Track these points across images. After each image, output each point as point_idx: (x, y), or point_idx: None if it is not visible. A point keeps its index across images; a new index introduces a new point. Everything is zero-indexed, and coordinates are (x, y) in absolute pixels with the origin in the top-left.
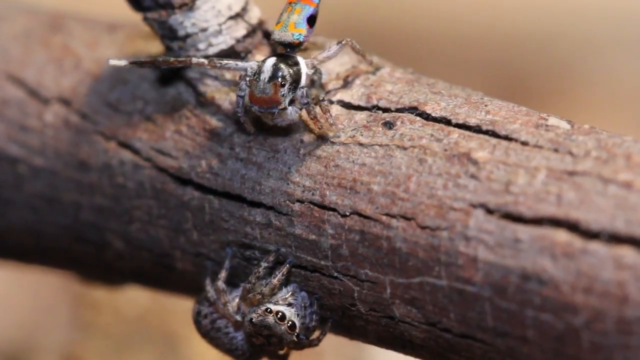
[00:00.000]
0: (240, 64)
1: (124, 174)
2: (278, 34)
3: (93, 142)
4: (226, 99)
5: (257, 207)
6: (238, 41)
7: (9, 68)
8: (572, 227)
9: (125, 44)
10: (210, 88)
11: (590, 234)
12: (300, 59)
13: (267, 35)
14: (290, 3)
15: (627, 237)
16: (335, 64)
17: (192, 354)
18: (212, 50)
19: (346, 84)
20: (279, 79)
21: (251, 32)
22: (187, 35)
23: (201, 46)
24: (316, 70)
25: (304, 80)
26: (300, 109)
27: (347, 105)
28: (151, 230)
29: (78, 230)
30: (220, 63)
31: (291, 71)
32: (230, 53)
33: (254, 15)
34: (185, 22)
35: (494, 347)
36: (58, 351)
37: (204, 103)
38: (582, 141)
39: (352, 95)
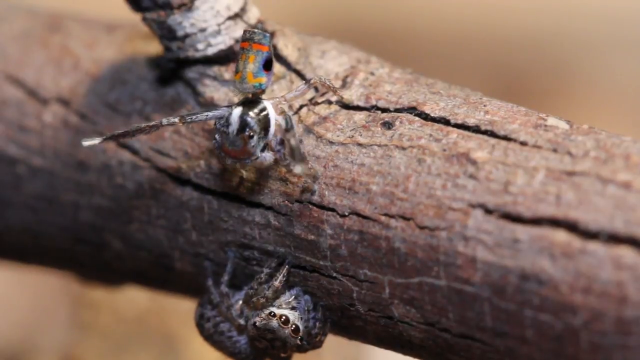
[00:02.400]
0: (210, 114)
1: (123, 174)
2: (239, 86)
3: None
4: (225, 99)
5: (256, 207)
6: (237, 41)
7: (8, 68)
8: (571, 227)
9: (124, 44)
10: (209, 88)
11: (589, 234)
12: (267, 104)
13: None
14: (243, 49)
15: (626, 237)
16: (334, 64)
17: (190, 354)
18: (210, 51)
19: (345, 84)
20: (247, 132)
21: None
22: (186, 36)
23: (200, 46)
24: (285, 115)
25: (273, 126)
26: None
27: (346, 106)
28: (150, 231)
29: (77, 231)
30: (191, 118)
31: (259, 121)
32: (229, 53)
33: (253, 15)
34: (184, 23)
35: (492, 347)
36: (57, 351)
37: (203, 103)
38: (581, 141)
39: (350, 95)
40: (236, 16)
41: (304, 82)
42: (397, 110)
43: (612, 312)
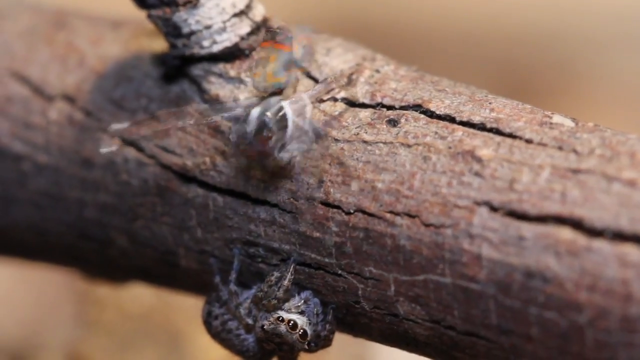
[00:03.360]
0: (226, 115)
1: (128, 172)
2: (258, 85)
3: (97, 139)
4: (230, 96)
5: (262, 204)
6: (242, 39)
7: (13, 65)
8: (576, 224)
9: (129, 41)
10: (215, 85)
11: (594, 232)
12: (285, 104)
13: None
14: (263, 48)
15: (631, 234)
16: (339, 61)
17: (196, 351)
18: (216, 48)
19: (350, 81)
20: (265, 132)
21: (255, 30)
22: (191, 33)
23: (205, 43)
24: (304, 115)
25: (291, 126)
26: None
27: (352, 103)
28: (155, 228)
29: (82, 228)
30: (207, 120)
31: (277, 121)
32: (235, 50)
33: (258, 12)
34: (189, 20)
35: (498, 344)
36: (62, 348)
37: (208, 100)
38: (586, 139)
39: (356, 93)
40: (241, 13)
41: (320, 81)
42: (402, 108)
43: (617, 310)
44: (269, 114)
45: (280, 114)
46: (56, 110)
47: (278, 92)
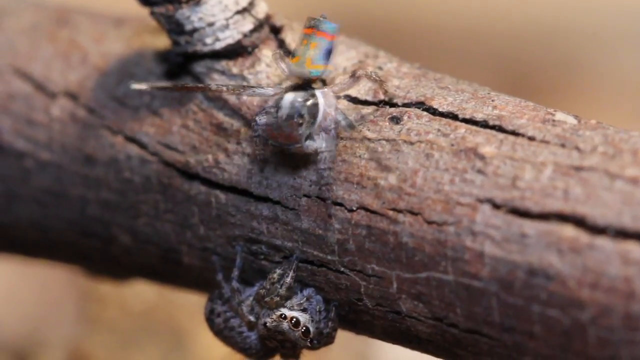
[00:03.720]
0: (258, 90)
1: (131, 169)
2: (294, 69)
3: (100, 136)
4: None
5: (264, 201)
6: (245, 36)
7: (16, 62)
8: (579, 222)
9: (132, 38)
10: (217, 82)
11: (597, 230)
12: (318, 93)
13: (274, 30)
14: (306, 34)
15: (634, 232)
16: (342, 58)
17: (198, 348)
18: (219, 45)
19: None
20: (296, 118)
21: (258, 27)
22: (194, 30)
23: (208, 41)
24: (335, 106)
25: (321, 115)
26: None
27: (354, 100)
28: (158, 225)
29: (84, 225)
30: (239, 90)
31: (309, 109)
32: (237, 47)
33: (261, 9)
34: (192, 17)
35: (500, 342)
36: (64, 345)
37: (211, 97)
38: (589, 136)
39: (359, 90)
40: (244, 10)
41: (350, 74)
42: (405, 105)
43: (619, 308)
44: (301, 99)
45: (313, 102)
46: (59, 108)
47: (314, 79)
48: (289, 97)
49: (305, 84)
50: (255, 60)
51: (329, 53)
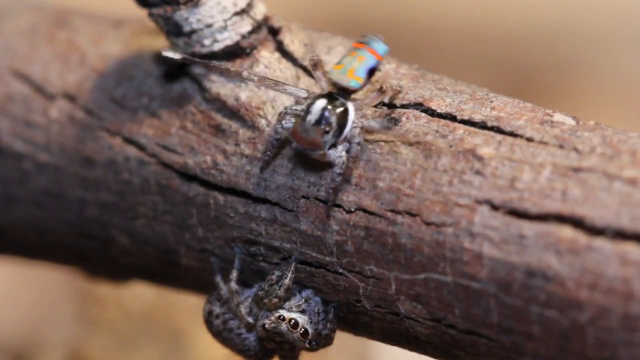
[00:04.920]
0: (288, 88)
1: (129, 170)
2: (335, 75)
3: (98, 138)
4: (231, 95)
5: (263, 203)
6: (243, 37)
7: (14, 64)
8: (577, 223)
9: (131, 39)
10: (216, 84)
11: (595, 231)
12: (350, 105)
13: (272, 31)
14: (355, 48)
15: (632, 233)
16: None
17: (197, 349)
18: (217, 47)
19: None
20: (324, 126)
21: (256, 28)
22: (193, 31)
23: (206, 42)
24: (365, 118)
25: (349, 126)
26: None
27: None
28: (156, 226)
29: (83, 226)
30: (268, 84)
31: (339, 118)
32: (236, 49)
33: (259, 11)
34: (190, 18)
35: (499, 343)
36: (63, 347)
37: (209, 99)
38: (587, 137)
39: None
40: (242, 12)
41: (378, 89)
42: (403, 106)
43: (618, 309)
44: (331, 107)
45: (343, 112)
46: (57, 109)
47: (349, 90)
48: (321, 103)
49: (336, 94)
50: (254, 62)
51: (372, 71)
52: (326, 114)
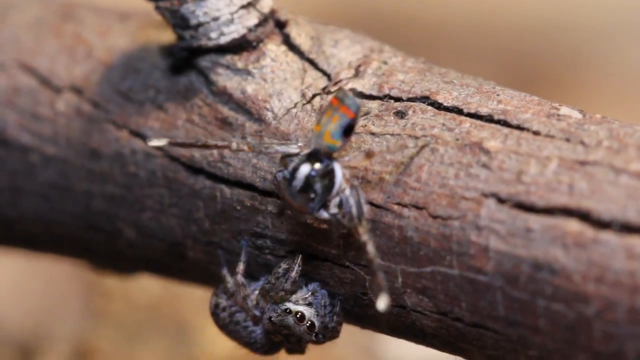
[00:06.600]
0: (279, 148)
1: (136, 163)
2: (314, 138)
3: (105, 130)
4: (238, 88)
5: (269, 196)
6: (250, 30)
7: (21, 57)
8: (584, 216)
9: (137, 32)
10: (222, 77)
11: (601, 224)
12: (337, 166)
13: (279, 24)
14: (331, 105)
15: (639, 226)
16: (346, 53)
17: (204, 342)
18: (223, 40)
19: (358, 73)
20: (310, 193)
21: (263, 21)
22: (199, 24)
23: (213, 35)
24: (353, 186)
25: (336, 188)
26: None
27: (359, 95)
28: (163, 219)
29: (89, 219)
30: (260, 149)
31: (324, 184)
32: (242, 42)
33: (266, 4)
34: (197, 11)
35: (505, 336)
36: (70, 339)
37: (216, 92)
38: (593, 131)
39: (363, 84)
40: (249, 5)
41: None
42: (410, 100)
43: (624, 302)
44: (315, 174)
45: (329, 176)
46: (64, 102)
47: (331, 153)
48: (305, 169)
49: (321, 153)
50: (260, 55)
51: (348, 129)
52: (312, 180)
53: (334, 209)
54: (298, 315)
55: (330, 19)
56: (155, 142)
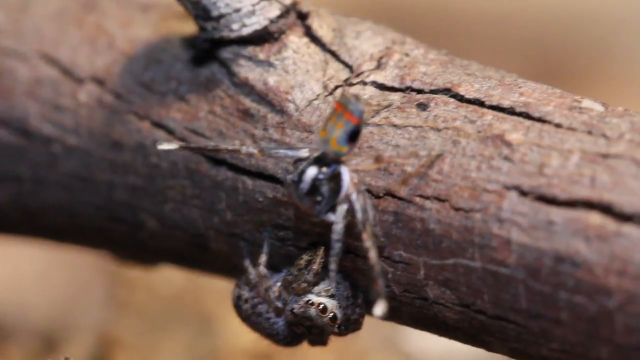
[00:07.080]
0: (290, 152)
1: (158, 154)
2: (320, 144)
3: (127, 121)
4: (260, 79)
5: None
6: (272, 22)
7: (43, 47)
8: (606, 209)
9: (159, 23)
10: (244, 68)
11: (623, 217)
12: (344, 170)
13: (300, 16)
14: (335, 111)
15: None
16: (368, 45)
17: (227, 333)
18: (245, 31)
19: (380, 65)
20: (316, 196)
21: (285, 13)
22: (221, 16)
23: (235, 26)
24: (360, 191)
25: (344, 192)
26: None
27: (381, 87)
28: (185, 210)
29: (112, 210)
30: (270, 153)
31: (331, 188)
32: (264, 33)
33: None
34: (218, 3)
35: (527, 328)
36: (93, 329)
37: (238, 83)
38: (615, 124)
39: (385, 76)
40: None
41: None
42: (432, 92)
43: None
44: (322, 177)
45: (336, 179)
46: (86, 93)
47: (337, 158)
48: (312, 172)
49: (330, 157)
50: (282, 46)
51: (353, 135)
52: (319, 184)
53: (341, 213)
54: (320, 307)
55: (352, 11)
56: (165, 146)
